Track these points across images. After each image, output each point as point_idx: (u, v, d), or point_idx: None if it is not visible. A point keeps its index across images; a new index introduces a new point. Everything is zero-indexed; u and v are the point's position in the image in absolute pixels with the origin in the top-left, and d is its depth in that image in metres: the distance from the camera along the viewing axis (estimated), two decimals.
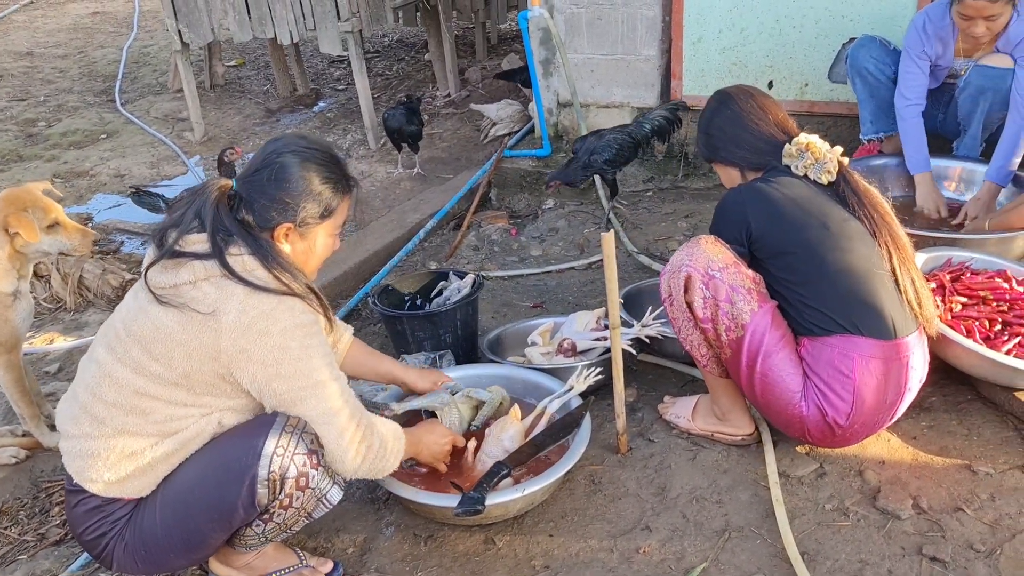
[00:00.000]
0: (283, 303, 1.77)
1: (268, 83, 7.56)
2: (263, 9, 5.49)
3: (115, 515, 1.85)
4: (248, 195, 1.84)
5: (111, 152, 6.00)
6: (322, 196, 1.87)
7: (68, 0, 12.08)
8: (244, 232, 1.80)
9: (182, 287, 1.75)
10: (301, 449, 1.80)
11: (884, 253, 2.15)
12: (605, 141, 3.84)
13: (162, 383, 1.79)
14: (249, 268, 1.77)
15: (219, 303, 1.73)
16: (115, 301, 3.73)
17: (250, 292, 1.74)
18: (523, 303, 3.46)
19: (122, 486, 1.82)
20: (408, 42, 8.65)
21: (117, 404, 1.79)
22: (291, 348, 1.76)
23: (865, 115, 3.68)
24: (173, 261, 1.78)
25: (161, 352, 1.77)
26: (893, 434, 2.37)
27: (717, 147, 2.35)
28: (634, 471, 2.35)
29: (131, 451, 1.80)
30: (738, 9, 4.04)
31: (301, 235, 1.88)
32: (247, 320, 1.73)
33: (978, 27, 3.02)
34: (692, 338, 2.25)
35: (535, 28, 4.42)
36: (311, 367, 1.79)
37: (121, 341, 1.81)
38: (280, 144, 1.88)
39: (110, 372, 1.80)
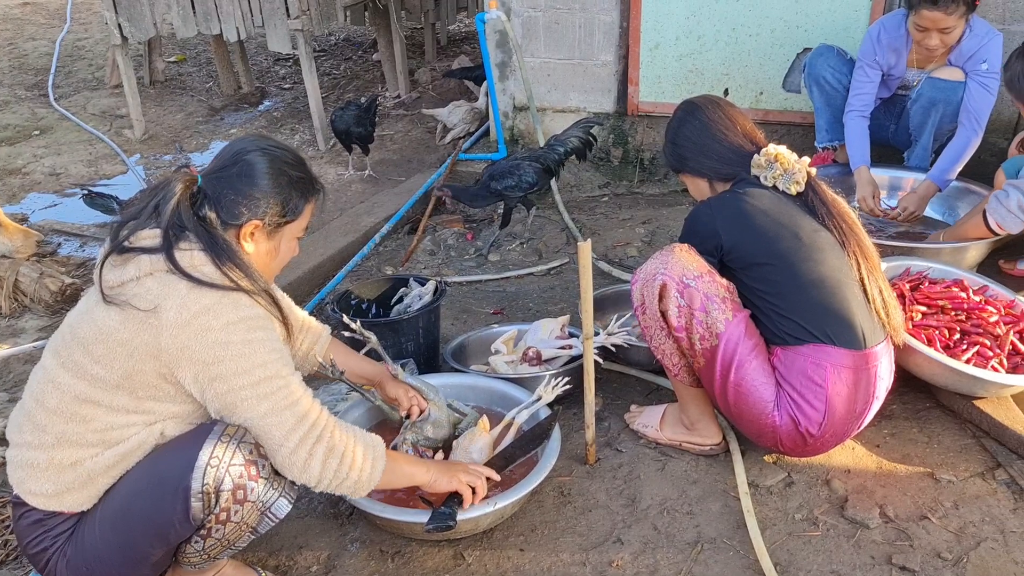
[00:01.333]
0: (227, 297, 1.70)
1: (211, 80, 7.36)
2: (209, 5, 5.33)
3: (57, 529, 1.77)
4: (215, 191, 1.78)
5: (45, 149, 5.76)
6: (291, 196, 1.84)
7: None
8: (200, 228, 1.75)
9: (128, 284, 1.69)
10: (238, 460, 1.71)
11: (852, 262, 2.17)
12: (509, 166, 3.78)
13: (103, 387, 1.71)
14: (197, 263, 1.70)
15: (160, 299, 1.66)
16: (53, 306, 3.57)
17: (193, 287, 1.67)
18: (483, 309, 3.42)
19: (61, 499, 1.74)
20: (355, 41, 8.52)
21: (58, 411, 1.72)
22: (232, 343, 1.68)
23: (821, 123, 3.74)
24: (122, 257, 1.72)
25: (102, 353, 1.69)
26: (857, 442, 2.39)
27: (685, 157, 2.33)
28: (603, 482, 2.33)
29: (71, 461, 1.72)
30: (695, 17, 4.07)
31: (268, 235, 1.84)
32: (187, 316, 1.65)
33: (932, 39, 3.09)
34: (664, 347, 2.23)
35: (492, 31, 4.38)
36: (254, 363, 1.69)
37: (66, 345, 1.75)
38: (247, 143, 1.85)
39: (53, 377, 1.74)
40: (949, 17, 3.00)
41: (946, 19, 3.01)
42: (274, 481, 1.78)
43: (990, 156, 3.43)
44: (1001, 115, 3.43)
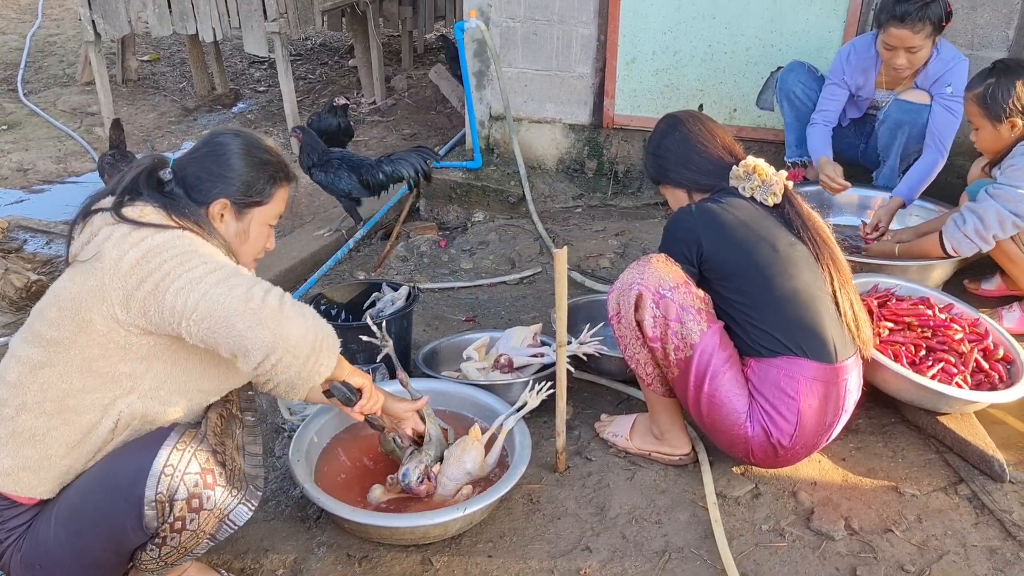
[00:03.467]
0: (167, 232, 1.71)
1: (184, 80, 7.31)
2: (185, 4, 5.30)
3: (12, 523, 1.74)
4: (183, 171, 1.84)
5: (13, 144, 5.67)
6: (260, 178, 1.88)
7: None
8: (157, 193, 1.78)
9: (84, 247, 1.73)
10: (193, 467, 1.67)
11: (825, 275, 2.21)
12: (329, 163, 3.90)
13: (57, 349, 1.70)
14: (144, 214, 1.73)
15: (102, 245, 1.69)
16: (17, 303, 3.51)
17: (135, 228, 1.70)
18: (455, 316, 3.41)
19: (17, 478, 1.71)
20: (331, 46, 8.50)
21: (18, 384, 1.72)
22: (172, 248, 1.68)
23: (791, 138, 3.80)
24: (84, 222, 1.76)
25: (55, 316, 1.71)
26: (824, 456, 2.42)
27: (666, 169, 2.36)
28: (572, 490, 2.33)
29: (30, 433, 1.71)
30: (672, 33, 4.11)
31: (236, 216, 1.87)
32: (126, 246, 1.67)
33: (899, 58, 3.15)
34: (639, 356, 2.25)
35: (470, 40, 4.39)
36: (195, 261, 1.66)
37: (34, 318, 1.77)
38: (223, 131, 1.94)
39: (15, 352, 1.76)
40: (916, 36, 3.07)
41: (913, 37, 3.07)
42: (233, 488, 1.75)
43: (956, 178, 3.50)
44: (966, 137, 3.48)
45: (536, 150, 4.58)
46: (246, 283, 1.66)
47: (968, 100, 2.81)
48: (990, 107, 2.72)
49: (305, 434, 2.30)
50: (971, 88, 2.80)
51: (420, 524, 2.05)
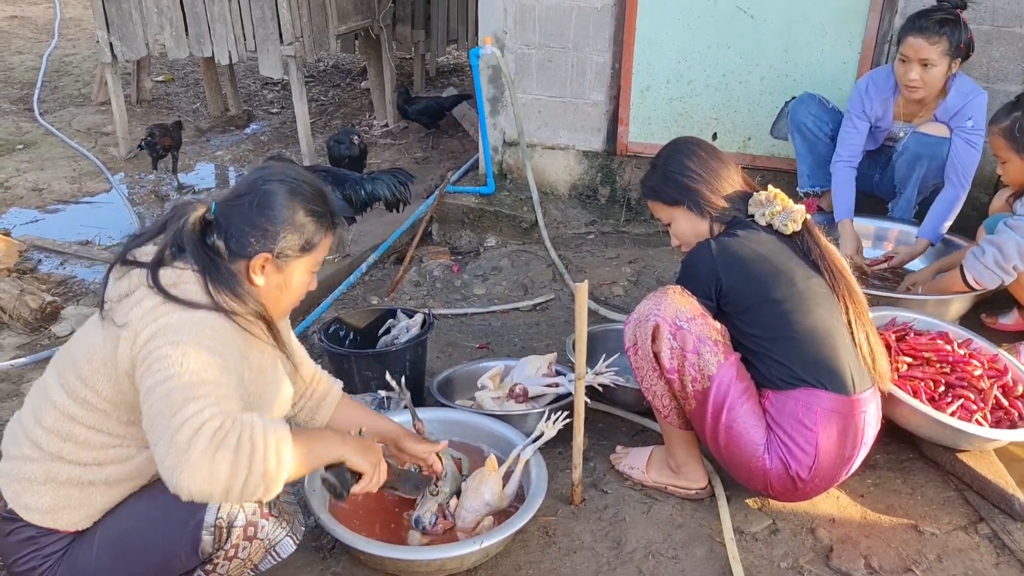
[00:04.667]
0: (196, 312, 1.60)
1: (198, 101, 7.35)
2: (202, 27, 5.34)
3: (49, 548, 1.73)
4: (227, 220, 1.73)
5: (28, 164, 5.70)
6: (305, 229, 1.76)
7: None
8: (199, 252, 1.69)
9: (122, 300, 1.67)
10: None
11: (841, 307, 2.20)
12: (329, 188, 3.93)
13: (92, 411, 1.68)
14: (181, 280, 1.64)
15: (132, 312, 1.61)
16: (32, 324, 3.52)
17: (164, 301, 1.61)
18: (468, 343, 3.40)
19: (57, 516, 1.71)
20: (344, 68, 8.56)
21: (54, 430, 1.69)
22: (181, 333, 1.55)
23: (803, 169, 3.80)
24: (123, 270, 1.70)
25: (88, 373, 1.67)
26: (842, 491, 2.40)
27: (687, 191, 2.29)
28: (588, 523, 2.31)
29: (66, 477, 1.70)
30: (687, 61, 4.13)
31: (278, 268, 1.76)
32: (148, 321, 1.58)
33: (912, 71, 3.14)
34: (655, 388, 2.24)
35: (485, 66, 4.42)
36: (185, 366, 1.50)
37: (65, 361, 1.74)
38: (268, 172, 1.79)
39: (51, 395, 1.72)
40: (931, 48, 3.07)
41: (928, 49, 3.07)
42: (282, 520, 1.78)
43: (971, 210, 3.49)
44: (983, 170, 3.50)
45: (549, 176, 4.59)
46: (195, 409, 1.46)
47: (994, 134, 2.81)
48: (1018, 140, 2.73)
49: None
50: (997, 122, 2.81)
51: (436, 557, 2.04)
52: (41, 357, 3.23)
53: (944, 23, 3.07)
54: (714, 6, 4.00)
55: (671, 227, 2.39)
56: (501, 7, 4.30)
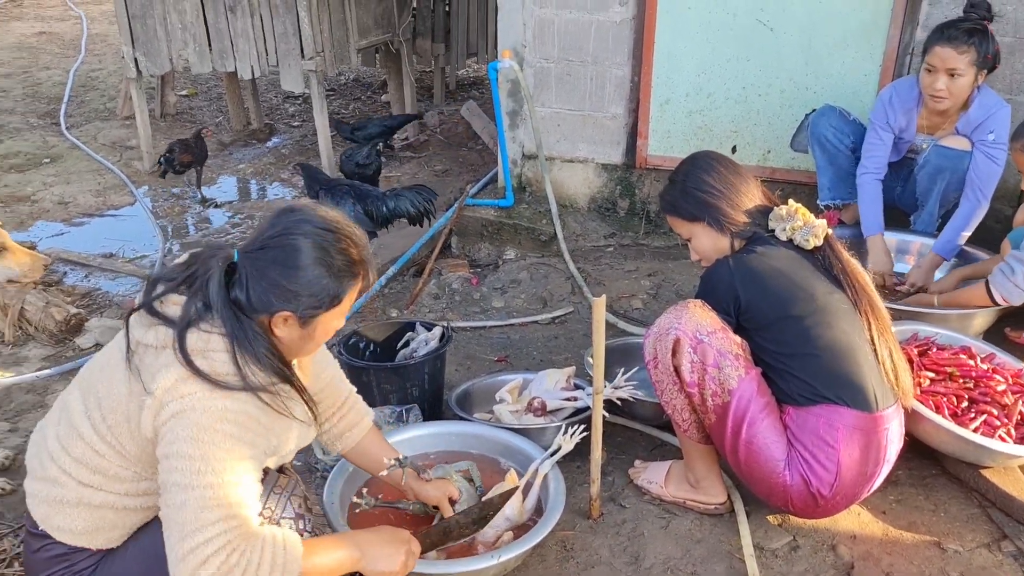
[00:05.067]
0: (220, 402, 1.57)
1: (221, 115, 7.44)
2: (225, 43, 5.41)
3: (79, 565, 1.74)
4: (249, 273, 1.65)
5: (55, 178, 5.79)
6: (330, 287, 1.66)
7: (12, 18, 11.76)
8: (228, 312, 1.62)
9: (148, 348, 1.63)
10: (288, 512, 1.72)
11: (863, 322, 2.18)
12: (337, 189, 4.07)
13: (119, 456, 1.67)
14: (209, 347, 1.60)
15: (158, 379, 1.57)
16: (57, 336, 3.56)
17: (190, 376, 1.56)
18: (487, 356, 3.41)
19: (92, 537, 1.71)
20: (364, 82, 8.63)
21: (83, 462, 1.68)
22: (197, 428, 1.54)
23: (823, 182, 3.78)
24: (149, 319, 1.65)
25: (113, 423, 1.65)
26: (863, 508, 2.37)
27: (706, 207, 2.28)
28: (606, 538, 2.31)
29: (100, 502, 1.69)
30: (706, 74, 4.13)
31: (302, 323, 1.68)
32: (174, 396, 1.56)
33: (939, 81, 3.12)
34: (675, 402, 2.23)
35: (504, 79, 4.44)
36: (204, 454, 1.53)
37: (90, 390, 1.70)
38: (294, 220, 1.67)
39: (77, 425, 1.69)
40: (959, 57, 3.04)
41: (956, 58, 3.05)
42: (315, 535, 1.79)
43: (995, 222, 3.46)
44: (1007, 182, 3.46)
45: (568, 189, 4.59)
46: (206, 532, 1.50)
47: (1016, 150, 2.79)
48: None
49: (339, 476, 2.30)
50: (1018, 138, 2.78)
51: (455, 571, 2.04)
52: (66, 369, 3.28)
53: (972, 33, 3.06)
54: (733, 19, 4.00)
55: (691, 242, 2.38)
56: (520, 21, 4.32)
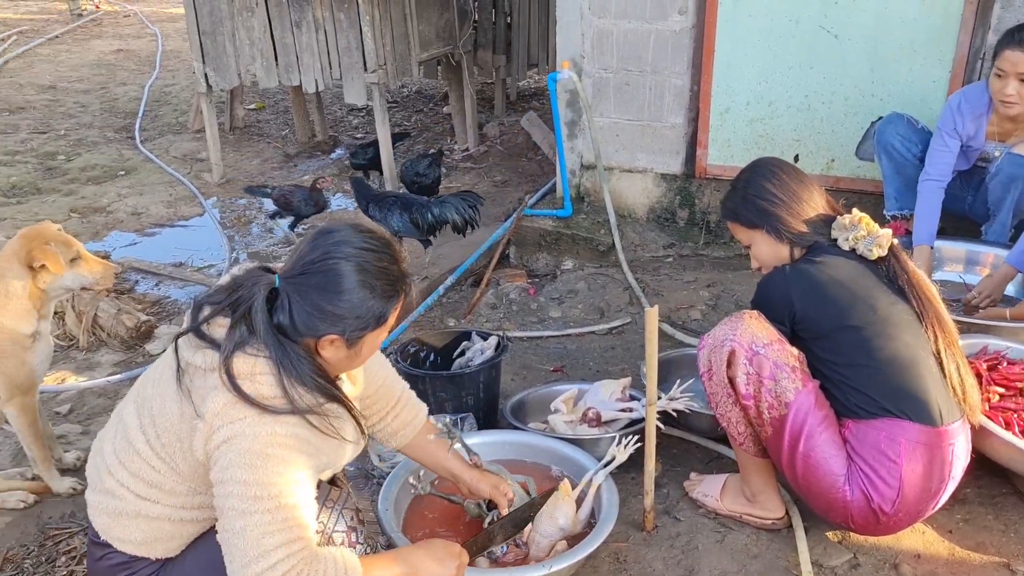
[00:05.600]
0: (268, 426, 1.59)
1: (287, 128, 7.62)
2: (291, 57, 5.55)
3: (141, 573, 1.79)
4: (292, 299, 1.65)
5: (129, 189, 6.01)
6: (375, 308, 1.67)
7: (92, 36, 12.28)
8: (272, 337, 1.63)
9: (197, 370, 1.66)
10: (341, 526, 1.75)
11: (930, 335, 2.12)
12: (384, 201, 4.21)
13: (173, 472, 1.71)
14: (255, 371, 1.61)
15: (208, 405, 1.60)
16: (128, 342, 3.69)
17: (238, 400, 1.58)
18: (543, 366, 3.41)
19: (151, 547, 1.76)
20: (427, 94, 8.75)
21: (139, 476, 1.72)
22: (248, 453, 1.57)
23: (890, 191, 3.69)
24: (198, 342, 1.68)
25: (166, 442, 1.68)
26: (928, 526, 2.30)
27: (766, 215, 2.24)
28: (660, 551, 2.28)
29: (158, 514, 1.73)
30: (767, 83, 4.08)
31: (348, 344, 1.69)
32: (223, 422, 1.58)
33: (1009, 86, 3.02)
34: (730, 415, 2.20)
35: (563, 90, 4.45)
36: (258, 478, 1.56)
37: (146, 406, 1.73)
38: (334, 243, 1.67)
39: (133, 440, 1.72)
40: None
41: None
42: (367, 547, 1.82)
43: None
44: None
45: (627, 199, 4.58)
46: (264, 567, 1.52)
47: None
48: None
49: (394, 483, 2.32)
50: None
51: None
52: (135, 374, 3.39)
53: None
54: (796, 27, 3.94)
55: (751, 249, 2.35)
56: (579, 32, 4.34)
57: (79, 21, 13.34)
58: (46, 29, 12.51)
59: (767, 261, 2.32)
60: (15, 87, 8.96)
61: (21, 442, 2.53)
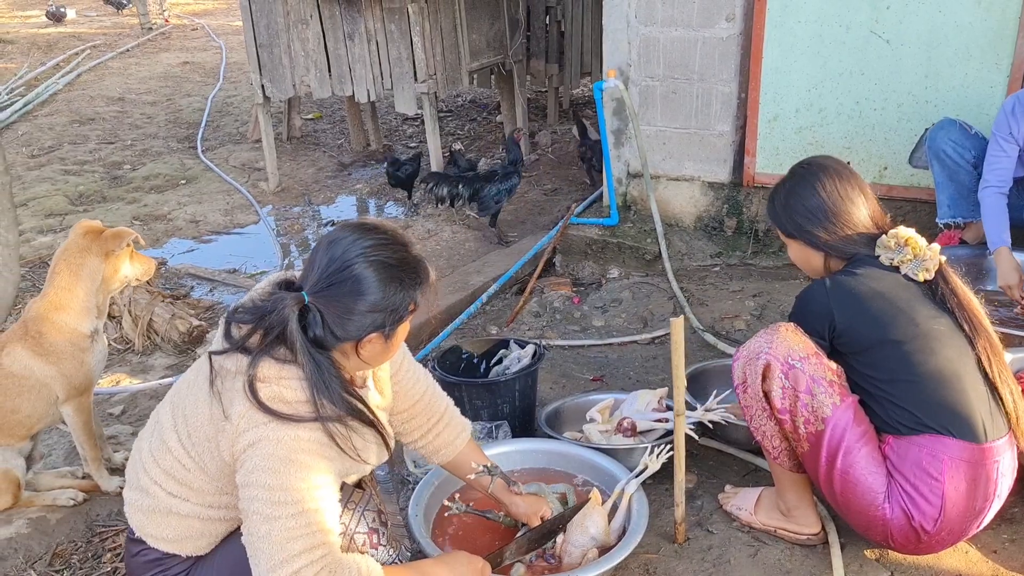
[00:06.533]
0: (292, 431, 1.63)
1: (342, 137, 7.76)
2: (343, 68, 5.66)
3: (172, 571, 1.84)
4: (324, 311, 1.70)
5: (189, 197, 6.19)
6: (405, 298, 1.74)
7: (161, 50, 12.69)
8: (309, 355, 1.68)
9: (228, 373, 1.70)
10: (362, 527, 1.78)
11: (985, 359, 2.05)
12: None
13: (202, 472, 1.76)
14: (283, 375, 1.66)
15: (234, 408, 1.65)
16: (180, 346, 3.80)
17: (253, 408, 1.63)
18: (582, 375, 3.41)
19: (182, 544, 1.82)
20: (481, 103, 8.81)
21: (170, 474, 1.78)
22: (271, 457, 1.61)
23: (943, 199, 3.59)
24: (228, 351, 1.73)
25: (195, 443, 1.73)
26: (972, 546, 2.23)
27: (800, 226, 2.21)
28: (691, 563, 2.26)
29: (188, 512, 1.79)
30: (817, 90, 4.01)
31: (387, 338, 1.75)
32: (247, 426, 1.63)
33: None
34: (765, 428, 2.16)
35: (609, 99, 4.45)
36: (280, 482, 1.60)
37: (178, 405, 1.79)
38: (350, 251, 1.71)
39: (167, 439, 1.78)
40: None
41: None
42: (391, 547, 1.85)
43: None
44: None
45: (674, 207, 4.54)
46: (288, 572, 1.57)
47: None
48: None
49: (425, 489, 2.35)
50: None
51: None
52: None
53: None
54: (846, 32, 3.86)
55: (789, 252, 2.32)
56: (625, 40, 4.33)
57: (149, 35, 13.80)
58: (118, 43, 12.98)
59: (802, 265, 2.30)
60: (86, 99, 9.31)
61: (74, 440, 2.63)
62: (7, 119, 8.21)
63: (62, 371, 2.48)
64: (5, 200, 3.63)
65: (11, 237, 3.71)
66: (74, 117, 8.55)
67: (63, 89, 9.72)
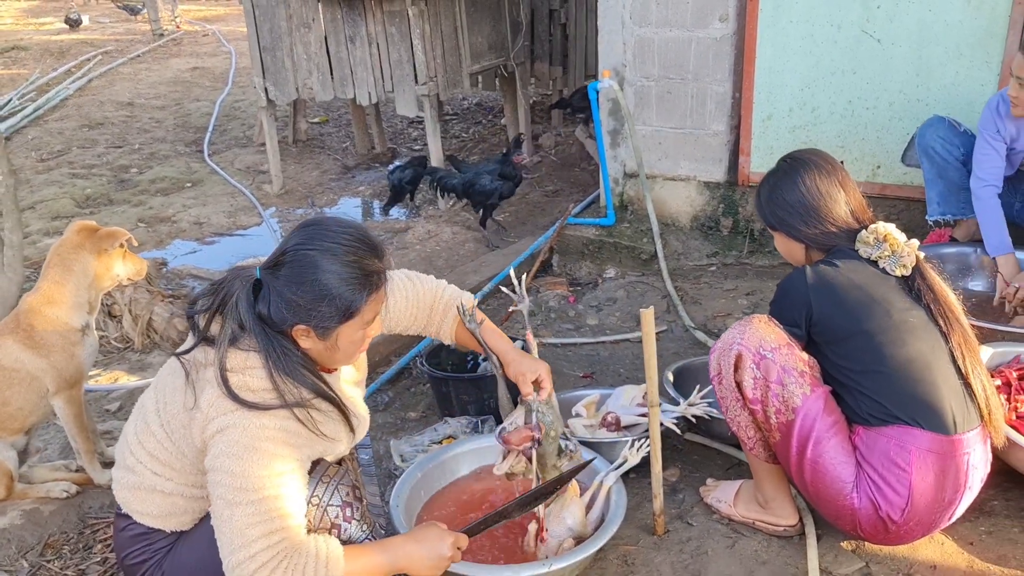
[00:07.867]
0: (259, 419, 1.68)
1: (347, 140, 7.83)
2: (345, 71, 5.71)
3: (157, 544, 1.92)
4: (269, 290, 1.72)
5: (193, 200, 6.26)
6: (342, 298, 1.70)
7: (171, 55, 12.82)
8: (259, 329, 1.71)
9: (199, 364, 1.76)
10: (336, 500, 1.83)
11: (959, 354, 2.07)
12: None
13: (181, 456, 1.82)
14: (247, 364, 1.70)
15: (204, 397, 1.70)
16: (178, 344, 3.83)
17: (222, 396, 1.68)
18: (573, 372, 3.44)
19: (165, 520, 1.89)
20: (487, 106, 8.86)
21: (153, 456, 1.85)
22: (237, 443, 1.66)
23: (932, 195, 3.59)
24: (201, 342, 1.78)
25: (173, 430, 1.80)
26: (948, 537, 2.24)
27: (782, 219, 2.26)
28: (669, 554, 2.28)
29: (169, 491, 1.86)
30: (810, 89, 4.02)
31: (320, 336, 1.74)
32: (216, 413, 1.69)
33: (1013, 88, 2.95)
34: (740, 419, 2.19)
35: (604, 99, 4.48)
36: (245, 468, 1.65)
37: (162, 392, 1.85)
38: (308, 234, 1.72)
39: (150, 423, 1.85)
40: None
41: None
42: (363, 523, 1.88)
43: None
44: None
45: (670, 207, 4.57)
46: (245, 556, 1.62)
47: None
48: None
49: (407, 483, 2.38)
50: None
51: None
52: None
53: None
54: (838, 32, 3.88)
55: (775, 242, 2.37)
56: (620, 41, 4.36)
57: (160, 41, 13.95)
58: (129, 49, 13.14)
59: (785, 255, 2.34)
60: (96, 104, 9.43)
61: (67, 433, 2.68)
62: (18, 123, 8.33)
63: (52, 364, 2.53)
64: (10, 202, 3.71)
65: (16, 238, 3.79)
66: (83, 121, 8.66)
67: (74, 94, 9.85)
